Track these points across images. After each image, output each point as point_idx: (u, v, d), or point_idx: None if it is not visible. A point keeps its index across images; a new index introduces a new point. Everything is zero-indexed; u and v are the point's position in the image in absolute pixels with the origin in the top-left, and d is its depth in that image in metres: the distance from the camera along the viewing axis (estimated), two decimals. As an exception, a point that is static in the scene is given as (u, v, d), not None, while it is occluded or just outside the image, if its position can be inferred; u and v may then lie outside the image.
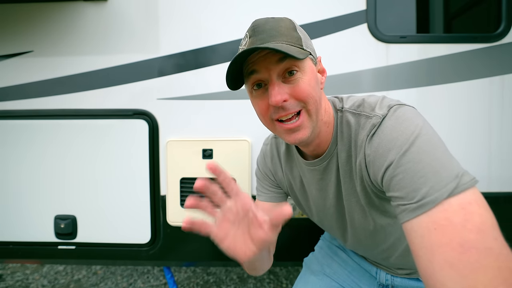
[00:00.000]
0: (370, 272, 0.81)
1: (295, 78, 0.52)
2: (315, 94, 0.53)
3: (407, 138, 0.45)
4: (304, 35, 0.55)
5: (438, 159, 0.43)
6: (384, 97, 0.55)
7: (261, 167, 0.79)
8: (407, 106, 0.51)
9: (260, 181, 0.80)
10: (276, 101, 0.51)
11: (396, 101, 0.53)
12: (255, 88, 0.55)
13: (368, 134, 0.51)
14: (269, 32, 0.51)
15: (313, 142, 0.59)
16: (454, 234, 0.38)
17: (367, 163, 0.52)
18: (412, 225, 0.42)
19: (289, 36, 0.52)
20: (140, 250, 1.12)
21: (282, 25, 0.53)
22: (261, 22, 0.53)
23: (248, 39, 0.53)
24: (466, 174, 0.42)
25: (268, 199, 0.77)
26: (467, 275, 0.36)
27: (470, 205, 0.39)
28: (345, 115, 0.58)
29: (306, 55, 0.51)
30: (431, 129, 0.47)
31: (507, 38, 1.05)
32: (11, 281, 2.02)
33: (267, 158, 0.77)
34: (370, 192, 0.56)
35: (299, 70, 0.52)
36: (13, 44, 1.10)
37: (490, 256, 0.35)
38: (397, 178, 0.45)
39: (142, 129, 1.09)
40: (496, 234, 0.37)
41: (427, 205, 0.41)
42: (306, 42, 0.55)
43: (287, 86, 0.52)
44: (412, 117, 0.48)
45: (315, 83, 0.54)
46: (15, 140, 1.11)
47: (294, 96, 0.52)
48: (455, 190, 0.40)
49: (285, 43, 0.50)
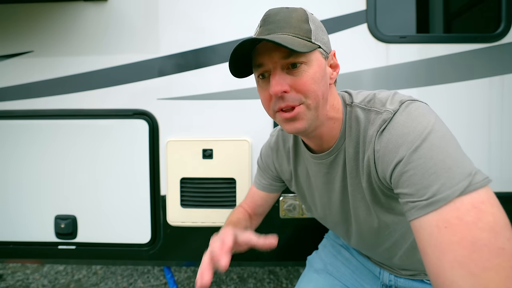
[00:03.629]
0: (373, 272, 0.81)
1: (298, 70, 0.51)
2: (317, 88, 0.52)
3: (419, 134, 0.44)
4: (317, 27, 0.54)
5: (451, 156, 0.42)
6: (396, 93, 0.54)
7: (264, 158, 0.80)
8: (419, 102, 0.50)
9: (260, 171, 0.82)
10: (275, 91, 0.50)
11: (408, 97, 0.52)
12: (260, 78, 0.55)
13: (378, 130, 0.50)
14: (278, 23, 0.51)
15: (315, 135, 0.59)
16: (465, 233, 0.37)
17: (376, 159, 0.51)
18: (421, 222, 0.41)
19: (298, 28, 0.51)
20: (140, 250, 1.12)
21: (293, 16, 0.52)
22: (273, 12, 0.53)
23: (259, 29, 0.53)
24: (479, 172, 0.41)
25: (264, 189, 0.81)
26: (478, 274, 0.35)
27: (483, 204, 0.38)
28: (355, 110, 0.57)
29: (312, 48, 0.50)
30: (444, 126, 0.46)
31: (507, 38, 1.05)
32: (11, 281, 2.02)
33: (272, 149, 0.77)
34: (377, 189, 0.56)
35: (304, 63, 0.51)
36: (14, 44, 1.10)
37: (502, 256, 0.35)
38: (407, 174, 0.44)
39: (142, 129, 1.09)
40: (509, 235, 0.37)
41: (438, 203, 0.40)
42: (317, 34, 0.53)
43: (289, 77, 0.51)
44: (424, 113, 0.47)
45: (321, 78, 0.52)
46: (16, 140, 1.11)
47: (295, 88, 0.51)
48: (467, 188, 0.39)
49: (291, 35, 0.50)
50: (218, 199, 1.08)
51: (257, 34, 0.53)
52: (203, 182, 1.08)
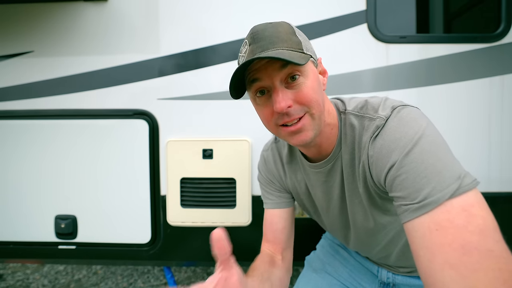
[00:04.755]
0: (371, 270, 0.82)
1: (297, 83, 0.52)
2: (318, 97, 0.53)
3: (411, 139, 0.45)
4: (303, 38, 0.55)
5: (441, 160, 0.43)
6: (387, 98, 0.55)
7: (263, 173, 0.78)
8: (410, 107, 0.51)
9: (264, 187, 0.78)
10: (281, 108, 0.51)
11: (399, 102, 0.53)
12: (258, 95, 0.55)
13: (371, 136, 0.51)
14: (269, 38, 0.51)
15: (316, 144, 0.60)
16: (455, 235, 0.38)
17: (370, 164, 0.52)
18: (413, 225, 0.42)
19: (289, 41, 0.52)
20: (140, 250, 1.12)
21: (281, 30, 0.52)
22: (260, 29, 0.53)
23: (248, 47, 0.53)
24: (468, 175, 0.42)
25: (275, 206, 0.74)
26: (468, 275, 0.36)
27: (472, 207, 0.39)
28: (349, 117, 0.58)
29: (308, 59, 0.51)
30: (435, 130, 0.47)
31: (507, 38, 1.05)
32: (11, 281, 2.02)
33: (269, 164, 0.76)
34: (373, 193, 0.57)
35: (301, 75, 0.52)
36: (14, 44, 1.10)
37: (491, 258, 0.36)
38: (400, 178, 0.45)
39: (142, 129, 1.09)
40: (498, 237, 0.37)
41: (429, 206, 0.41)
42: (306, 45, 0.55)
43: (290, 91, 0.52)
44: (415, 118, 0.48)
45: (318, 86, 0.54)
46: (16, 140, 1.11)
47: (298, 101, 0.52)
48: (457, 191, 0.40)
49: (286, 49, 0.50)
50: (218, 199, 1.08)
51: (248, 52, 0.52)
52: (203, 182, 1.08)
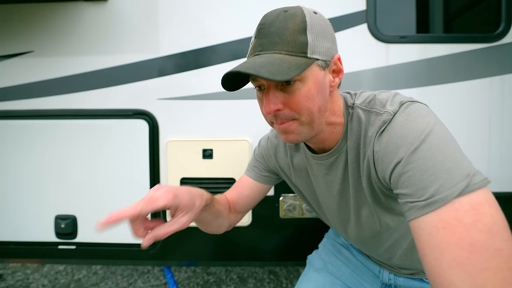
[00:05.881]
0: (373, 271, 0.81)
1: (292, 88, 0.50)
2: (311, 105, 0.51)
3: (418, 135, 0.44)
4: (316, 34, 0.50)
5: (450, 157, 0.42)
6: (396, 94, 0.54)
7: (262, 150, 0.79)
8: (419, 103, 0.50)
9: (256, 161, 0.79)
10: (269, 110, 0.51)
11: (408, 98, 0.52)
12: (258, 89, 0.56)
13: (377, 131, 0.50)
14: (272, 37, 0.49)
15: (315, 141, 0.59)
16: (463, 234, 0.37)
17: (375, 160, 0.51)
18: (419, 223, 0.41)
19: (292, 43, 0.48)
20: (140, 250, 1.12)
21: (289, 26, 0.49)
22: (269, 21, 0.50)
23: (254, 40, 0.53)
24: (478, 173, 0.41)
25: (257, 179, 0.77)
26: (476, 274, 0.35)
27: (481, 206, 0.38)
28: (356, 111, 0.57)
29: (303, 68, 0.47)
30: (443, 127, 0.46)
31: (507, 38, 1.05)
32: (11, 281, 2.02)
33: (271, 144, 0.77)
34: (377, 189, 0.56)
35: (298, 80, 0.50)
36: (14, 44, 1.10)
37: (500, 257, 0.35)
38: (406, 175, 0.44)
39: (142, 129, 1.09)
40: (507, 236, 0.37)
41: (437, 203, 0.40)
42: (315, 45, 0.50)
43: (283, 94, 0.51)
44: (424, 114, 0.47)
45: (316, 93, 0.51)
46: (16, 140, 1.11)
47: (288, 106, 0.51)
48: (465, 189, 0.39)
49: (283, 53, 0.48)
50: (218, 199, 1.08)
51: (253, 45, 0.52)
52: (203, 182, 1.08)
